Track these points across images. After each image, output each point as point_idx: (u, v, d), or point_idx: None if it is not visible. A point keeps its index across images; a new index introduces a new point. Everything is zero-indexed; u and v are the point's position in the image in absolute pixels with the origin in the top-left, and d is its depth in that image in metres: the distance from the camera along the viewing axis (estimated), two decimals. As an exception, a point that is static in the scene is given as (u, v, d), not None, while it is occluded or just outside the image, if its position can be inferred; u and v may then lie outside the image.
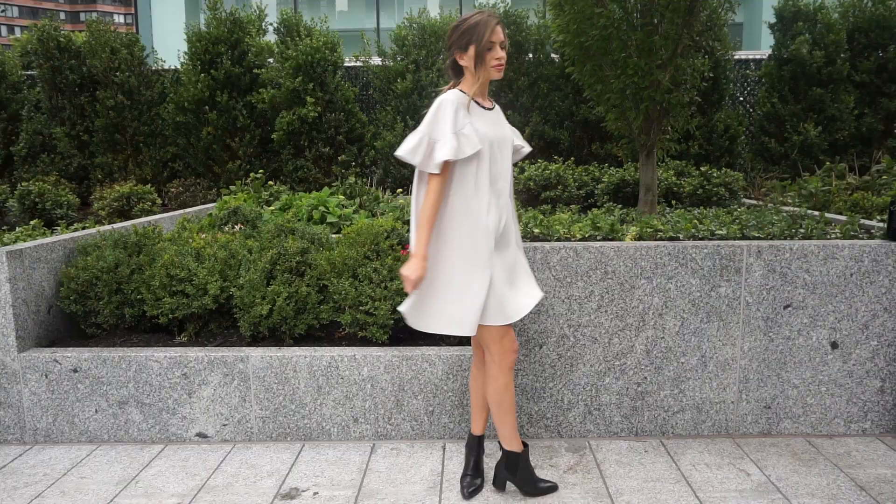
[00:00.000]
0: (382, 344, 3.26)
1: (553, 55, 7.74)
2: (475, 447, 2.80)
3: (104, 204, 6.04)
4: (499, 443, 2.70)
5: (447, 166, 2.40)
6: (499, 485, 2.71)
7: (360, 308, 3.24)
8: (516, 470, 2.65)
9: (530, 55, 7.75)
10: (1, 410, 3.26)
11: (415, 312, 2.49)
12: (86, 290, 3.46)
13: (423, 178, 2.48)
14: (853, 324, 3.14)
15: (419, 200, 2.48)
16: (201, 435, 3.23)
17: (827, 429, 3.21)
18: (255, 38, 7.96)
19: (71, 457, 3.11)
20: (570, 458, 3.00)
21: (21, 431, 3.27)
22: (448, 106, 2.40)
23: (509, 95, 7.67)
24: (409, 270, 2.38)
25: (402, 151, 2.40)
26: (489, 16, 2.42)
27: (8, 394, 3.25)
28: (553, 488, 2.70)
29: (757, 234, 3.29)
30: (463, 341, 3.29)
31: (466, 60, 2.44)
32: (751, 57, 8.54)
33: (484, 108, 2.52)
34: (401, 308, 2.51)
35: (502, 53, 2.43)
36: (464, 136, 2.38)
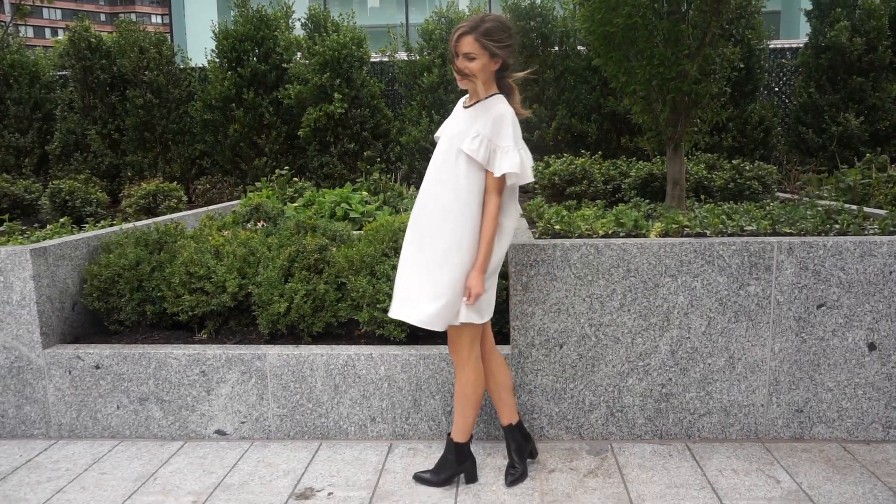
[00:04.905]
0: (400, 342, 3.22)
1: (580, 47, 7.59)
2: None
3: (131, 202, 6.13)
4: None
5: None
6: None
7: (378, 306, 3.20)
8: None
9: (556, 48, 7.61)
10: (28, 405, 3.31)
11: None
12: (108, 288, 3.49)
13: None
14: (892, 324, 2.98)
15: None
16: (220, 432, 3.23)
17: (864, 434, 3.07)
18: (285, 32, 7.98)
19: (93, 452, 3.15)
20: (591, 461, 2.92)
21: (46, 426, 3.32)
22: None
23: (535, 89, 7.54)
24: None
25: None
26: (460, 25, 2.48)
27: (34, 389, 3.30)
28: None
29: (788, 230, 3.15)
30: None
31: None
32: (786, 45, 8.27)
33: (464, 106, 2.61)
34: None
35: (457, 65, 2.49)
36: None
